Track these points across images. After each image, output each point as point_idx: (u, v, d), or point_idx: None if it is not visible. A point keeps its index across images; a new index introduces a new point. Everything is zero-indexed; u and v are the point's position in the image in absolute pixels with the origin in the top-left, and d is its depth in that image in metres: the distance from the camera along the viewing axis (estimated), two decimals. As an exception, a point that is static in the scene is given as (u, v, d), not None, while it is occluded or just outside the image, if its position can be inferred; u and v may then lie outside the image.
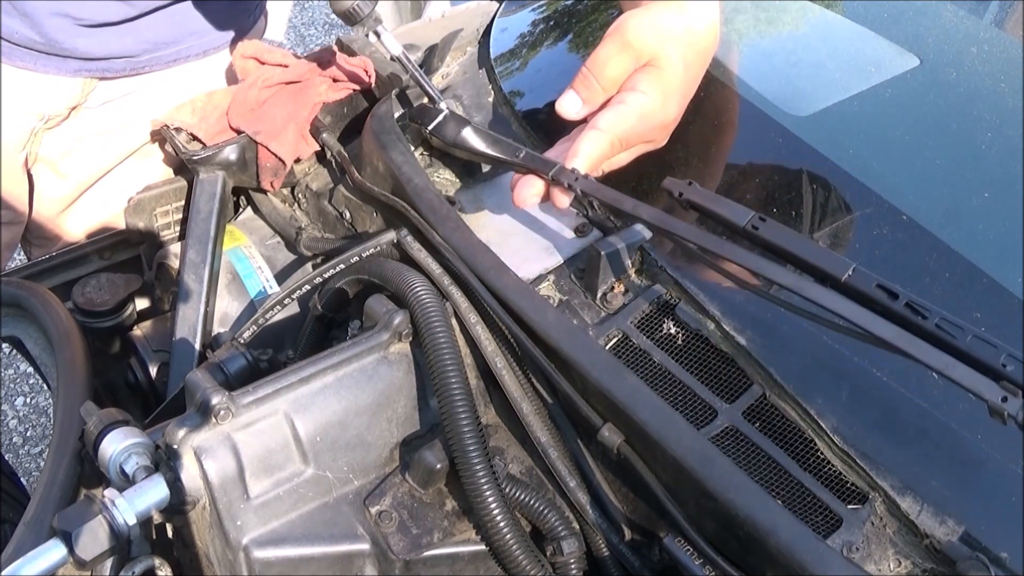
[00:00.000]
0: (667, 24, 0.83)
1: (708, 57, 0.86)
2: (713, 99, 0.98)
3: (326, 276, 0.86)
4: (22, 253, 1.43)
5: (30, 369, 2.54)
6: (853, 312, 0.65)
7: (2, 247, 1.28)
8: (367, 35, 0.94)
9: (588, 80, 0.84)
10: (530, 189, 0.82)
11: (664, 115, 0.83)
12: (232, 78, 1.30)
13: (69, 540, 0.63)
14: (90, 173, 1.30)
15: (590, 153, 0.81)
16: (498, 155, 0.87)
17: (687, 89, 0.85)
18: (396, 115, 0.98)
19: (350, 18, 0.92)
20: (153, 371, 1.00)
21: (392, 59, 0.97)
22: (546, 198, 0.83)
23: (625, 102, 0.82)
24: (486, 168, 0.96)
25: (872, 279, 0.67)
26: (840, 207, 0.88)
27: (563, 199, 0.82)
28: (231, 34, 1.29)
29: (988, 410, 0.60)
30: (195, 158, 1.00)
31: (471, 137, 0.91)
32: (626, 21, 0.83)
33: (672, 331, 0.78)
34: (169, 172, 1.22)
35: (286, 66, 1.06)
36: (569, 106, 0.85)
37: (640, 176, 0.89)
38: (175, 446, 0.68)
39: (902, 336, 0.64)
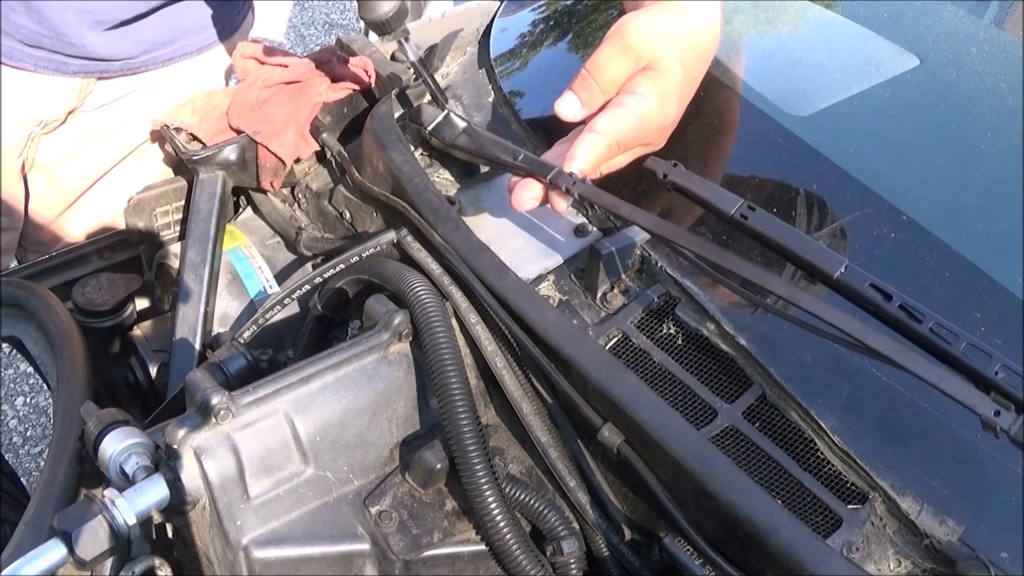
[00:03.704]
0: (667, 26, 0.82)
1: (708, 59, 0.86)
2: (713, 100, 0.98)
3: (326, 276, 0.86)
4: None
5: (30, 369, 2.54)
6: (848, 323, 0.65)
7: (1, 251, 1.28)
8: (396, 41, 0.95)
9: (587, 82, 0.83)
10: (528, 192, 0.82)
11: (662, 118, 0.83)
12: (225, 74, 1.31)
13: (69, 540, 0.63)
14: (87, 177, 1.30)
15: (588, 156, 0.80)
16: (496, 157, 0.86)
17: (686, 92, 0.85)
18: (396, 115, 0.98)
19: (382, 28, 0.92)
20: (153, 371, 1.00)
21: (410, 65, 0.97)
22: (544, 201, 0.83)
23: (623, 105, 0.82)
24: (484, 169, 0.96)
25: (865, 278, 0.66)
26: (840, 207, 0.88)
27: (561, 203, 0.82)
28: (223, 31, 1.30)
29: (981, 424, 0.60)
30: (195, 158, 1.00)
31: (470, 138, 0.91)
32: (626, 23, 0.83)
33: (672, 331, 0.78)
34: (168, 172, 1.22)
35: (286, 66, 1.06)
36: (567, 108, 0.85)
37: (640, 178, 0.89)
38: (175, 446, 0.68)
39: (896, 348, 0.63)
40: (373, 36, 1.12)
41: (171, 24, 1.23)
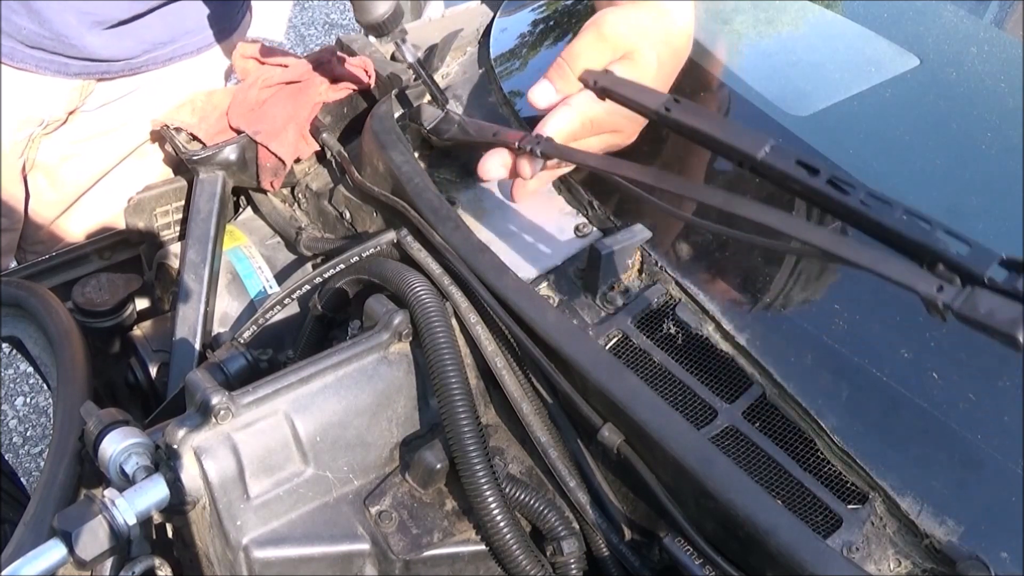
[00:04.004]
0: (645, 21, 0.84)
1: (682, 58, 0.88)
2: (695, 95, 0.98)
3: (326, 276, 0.86)
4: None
5: (30, 369, 2.54)
6: (774, 218, 0.61)
7: (1, 252, 1.28)
8: (393, 42, 0.95)
9: (563, 70, 0.84)
10: (495, 160, 0.83)
11: None
12: (225, 74, 1.31)
13: (69, 540, 0.63)
14: (88, 177, 1.30)
15: (560, 127, 0.82)
16: (478, 138, 0.87)
17: (660, 86, 0.85)
18: (396, 115, 0.98)
19: (379, 30, 0.92)
20: (153, 371, 1.00)
21: (409, 66, 0.97)
22: (514, 174, 0.83)
23: None
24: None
25: (792, 155, 0.63)
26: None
27: (527, 168, 0.82)
28: (222, 31, 1.30)
29: (924, 305, 0.54)
30: (195, 158, 1.00)
31: (460, 128, 0.92)
32: (604, 16, 0.84)
33: (672, 331, 0.78)
34: (168, 172, 1.22)
35: (286, 66, 1.06)
36: (541, 95, 0.85)
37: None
38: (175, 446, 0.68)
39: (827, 238, 0.58)
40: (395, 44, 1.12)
41: (171, 24, 1.23)
